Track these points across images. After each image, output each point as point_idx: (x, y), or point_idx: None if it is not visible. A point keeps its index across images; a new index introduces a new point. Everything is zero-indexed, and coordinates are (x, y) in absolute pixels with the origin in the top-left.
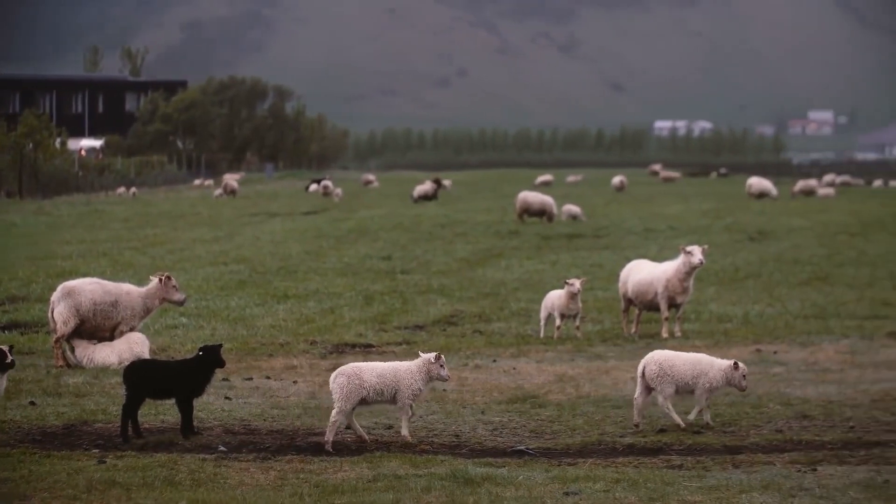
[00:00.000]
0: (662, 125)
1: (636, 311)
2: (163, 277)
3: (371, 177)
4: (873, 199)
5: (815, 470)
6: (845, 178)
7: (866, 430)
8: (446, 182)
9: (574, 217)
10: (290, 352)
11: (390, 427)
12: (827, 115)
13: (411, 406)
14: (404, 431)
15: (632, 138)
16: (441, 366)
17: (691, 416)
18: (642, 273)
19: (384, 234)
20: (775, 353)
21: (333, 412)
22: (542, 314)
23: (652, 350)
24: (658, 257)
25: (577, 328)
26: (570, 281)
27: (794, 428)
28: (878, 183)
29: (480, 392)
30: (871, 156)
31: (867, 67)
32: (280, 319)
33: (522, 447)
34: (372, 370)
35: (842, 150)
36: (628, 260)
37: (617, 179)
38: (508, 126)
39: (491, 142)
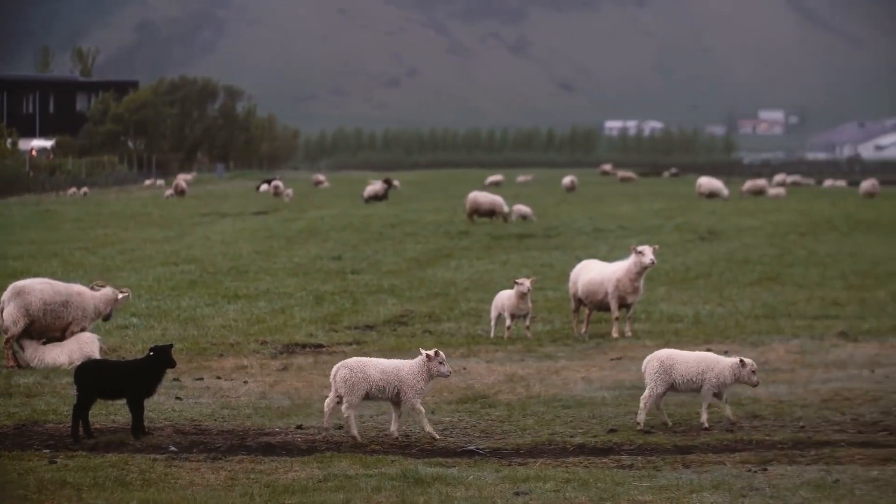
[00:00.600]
0: (613, 125)
1: (586, 311)
2: None
3: (321, 177)
4: (823, 199)
5: (766, 470)
6: (796, 177)
7: (816, 430)
8: (396, 182)
9: (524, 217)
10: (240, 352)
11: (340, 427)
12: (778, 115)
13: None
14: (428, 429)
15: (582, 138)
16: (440, 362)
17: (702, 419)
18: (592, 273)
19: (334, 235)
20: (726, 352)
21: (344, 407)
22: (493, 314)
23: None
24: (608, 257)
25: (528, 328)
26: (520, 281)
27: (744, 428)
28: (828, 183)
29: (431, 392)
30: (821, 156)
31: (818, 67)
32: (230, 319)
33: (472, 447)
34: (375, 366)
35: (792, 150)
36: (578, 260)
37: (567, 179)
38: (459, 126)
39: (441, 142)
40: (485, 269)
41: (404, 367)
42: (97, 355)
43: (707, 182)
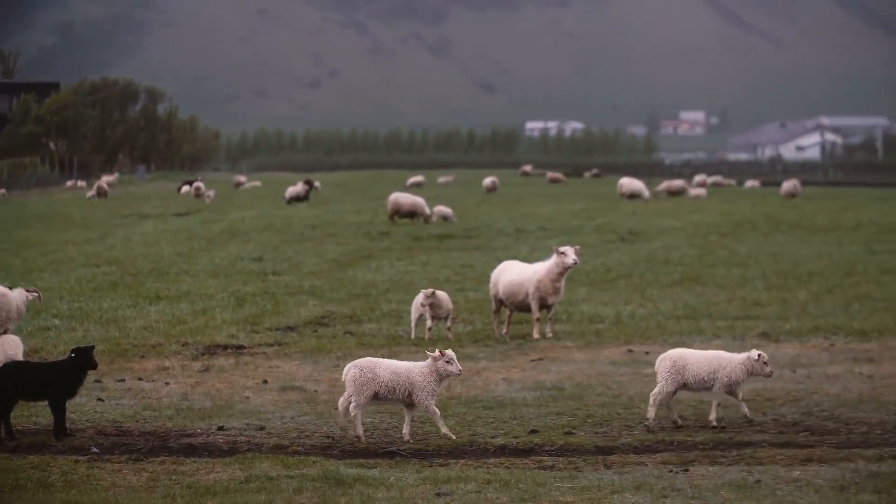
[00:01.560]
0: (534, 126)
1: (507, 312)
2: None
3: (242, 178)
4: (744, 200)
5: (687, 470)
6: (717, 178)
7: (738, 431)
8: (317, 183)
9: (445, 218)
10: (161, 353)
11: (262, 428)
12: (699, 116)
13: (413, 408)
14: (443, 430)
15: (503, 139)
16: (448, 361)
17: (711, 417)
18: (513, 274)
19: (255, 236)
20: (647, 353)
21: (352, 406)
22: (413, 315)
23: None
24: (529, 258)
25: (448, 329)
26: (426, 292)
27: (665, 428)
28: (749, 183)
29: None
30: (742, 156)
31: (739, 68)
32: (152, 321)
33: (394, 448)
34: (387, 367)
35: (714, 151)
36: (499, 261)
37: (488, 180)
38: (380, 127)
39: (362, 142)
40: (406, 270)
41: (415, 369)
42: (20, 357)
43: (628, 183)
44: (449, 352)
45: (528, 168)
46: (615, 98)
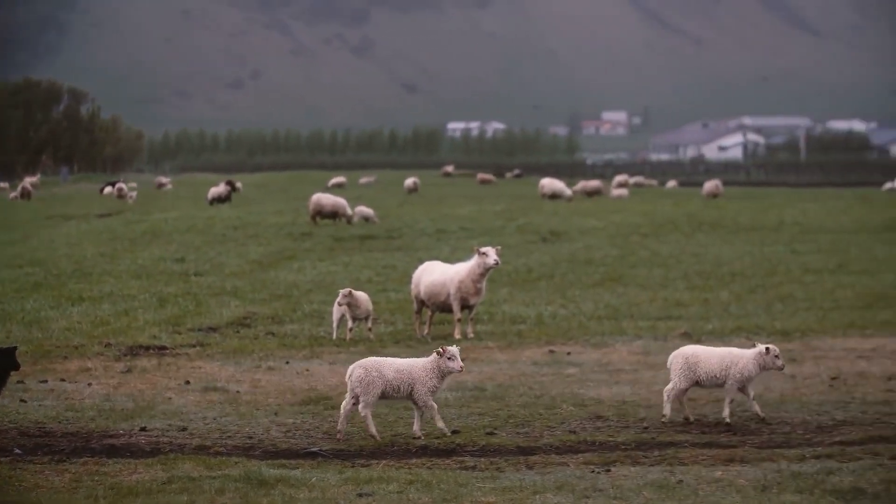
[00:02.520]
0: (455, 126)
1: (428, 313)
2: None
3: (164, 179)
4: (666, 200)
5: (609, 470)
6: (639, 178)
7: (660, 431)
8: (239, 184)
9: (367, 219)
10: (84, 354)
11: (184, 429)
12: (621, 116)
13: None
14: (440, 424)
15: (425, 139)
16: (449, 358)
17: (724, 414)
18: (435, 274)
19: (178, 237)
20: (569, 353)
21: (361, 407)
22: (335, 316)
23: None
24: (450, 258)
25: (370, 330)
26: (343, 292)
27: (587, 429)
28: (671, 183)
29: (274, 394)
30: (664, 156)
31: (661, 68)
32: (75, 322)
33: (316, 449)
34: (390, 365)
35: (636, 151)
36: (421, 261)
37: (410, 181)
38: (302, 127)
39: (284, 143)
40: (327, 271)
41: (417, 365)
42: None
43: (549, 183)
44: (451, 348)
45: (449, 169)
46: (537, 98)
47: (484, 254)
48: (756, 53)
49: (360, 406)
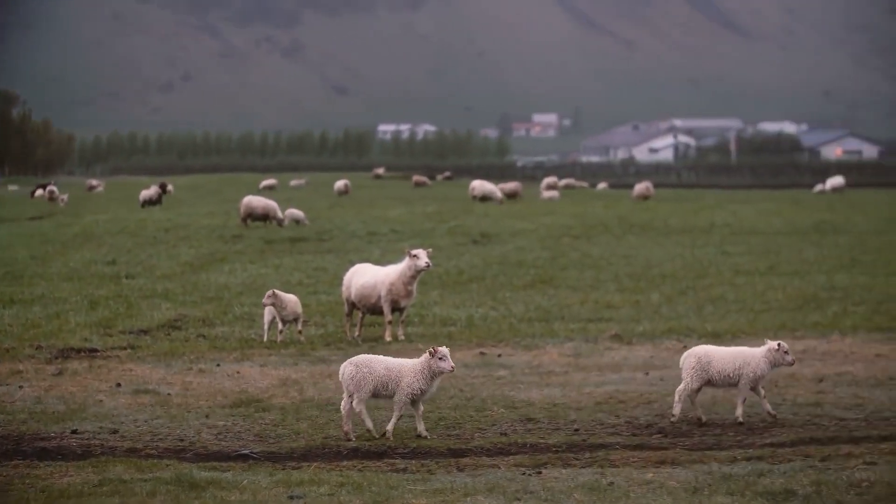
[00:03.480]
0: (386, 128)
1: (359, 315)
2: None
3: (95, 182)
4: (597, 202)
5: (540, 472)
6: (569, 180)
7: (591, 433)
8: (170, 187)
9: (297, 221)
10: (15, 357)
11: (115, 431)
12: (551, 118)
13: (417, 404)
14: (389, 427)
15: (356, 141)
16: (440, 359)
17: (738, 413)
18: (365, 276)
19: (109, 239)
20: (499, 356)
21: (355, 403)
22: (266, 318)
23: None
24: (381, 260)
25: (300, 332)
26: (268, 293)
27: (518, 431)
28: (602, 185)
29: (205, 396)
30: (595, 158)
31: (591, 70)
32: (5, 324)
33: (247, 451)
34: (381, 362)
35: (566, 153)
36: (352, 263)
37: (340, 183)
38: (233, 130)
39: (215, 146)
40: (258, 273)
41: (406, 365)
42: None
43: (480, 185)
44: (442, 349)
45: (380, 171)
46: (468, 100)
47: (415, 256)
48: (687, 55)
49: (353, 402)
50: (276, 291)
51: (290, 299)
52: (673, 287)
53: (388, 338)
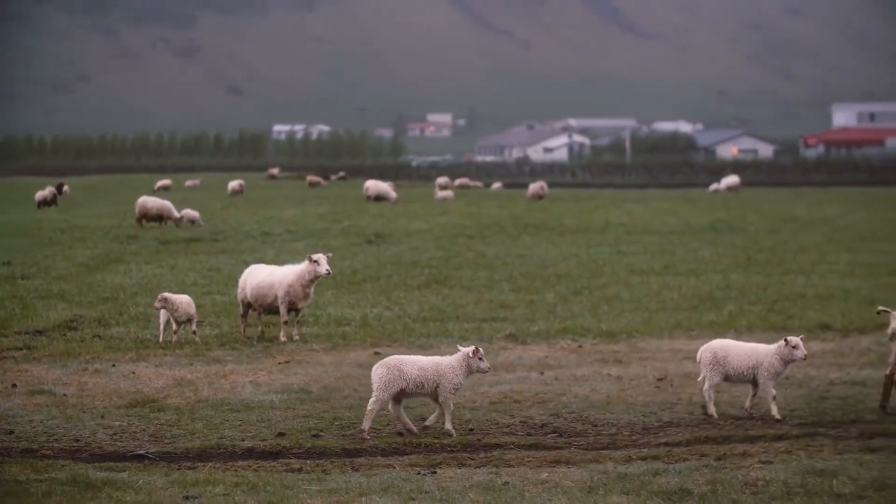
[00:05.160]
0: (281, 129)
1: (256, 315)
2: None
3: None
4: (491, 201)
5: (435, 472)
6: (463, 180)
7: (485, 433)
8: (66, 188)
9: (192, 221)
10: None
11: (11, 432)
12: (446, 118)
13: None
14: (448, 426)
15: (250, 142)
16: (480, 358)
17: (773, 412)
18: (261, 276)
19: (4, 240)
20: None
21: (371, 400)
22: (161, 318)
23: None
24: (276, 261)
25: (195, 332)
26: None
27: (413, 431)
28: (496, 185)
29: (100, 396)
30: (489, 158)
31: (486, 70)
32: None
33: (142, 451)
34: (413, 363)
35: (461, 153)
36: (246, 264)
37: (234, 183)
38: (129, 131)
39: (111, 147)
40: (153, 274)
41: (444, 363)
42: None
43: (374, 185)
44: (480, 349)
45: (275, 171)
46: (362, 101)
47: (315, 261)
48: (581, 55)
49: (371, 399)
50: (167, 295)
51: (183, 300)
52: (568, 287)
53: (282, 338)
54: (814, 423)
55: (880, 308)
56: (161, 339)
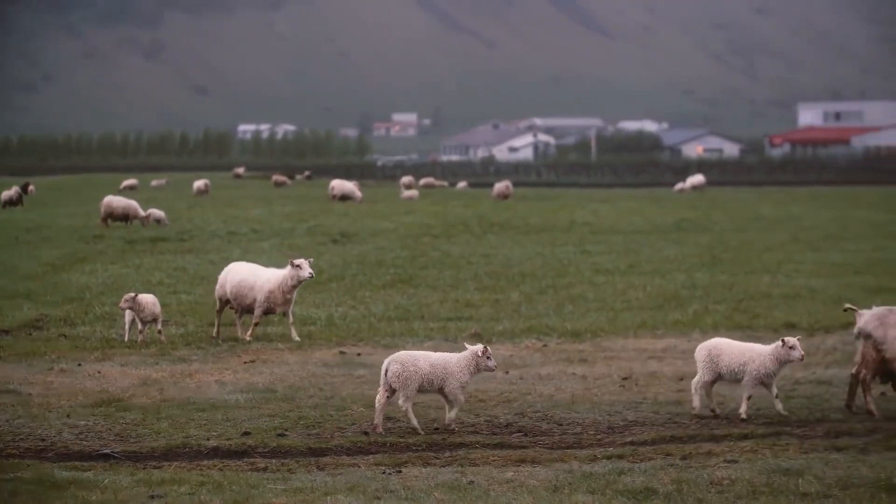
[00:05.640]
0: (246, 128)
1: (235, 313)
2: None
3: None
4: (457, 201)
5: (400, 471)
6: (429, 179)
7: (451, 432)
8: (32, 187)
9: (158, 221)
10: None
11: None
12: (411, 118)
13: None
14: (451, 415)
15: (216, 141)
16: (488, 357)
17: (741, 410)
18: (242, 275)
19: None
20: (359, 355)
21: (401, 401)
22: (127, 318)
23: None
24: (242, 260)
25: (160, 332)
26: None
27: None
28: (461, 185)
29: (66, 396)
30: (455, 157)
31: (452, 69)
32: None
33: (108, 450)
34: (426, 358)
35: (426, 152)
36: (212, 263)
37: (199, 182)
38: (94, 130)
39: (76, 146)
40: (119, 273)
41: (452, 360)
42: None
43: (339, 185)
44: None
45: (240, 171)
46: (328, 100)
47: (298, 266)
48: (547, 54)
49: (400, 400)
50: (135, 295)
51: (148, 301)
52: (533, 286)
53: (248, 337)
54: (779, 422)
55: (847, 306)
56: (126, 339)
